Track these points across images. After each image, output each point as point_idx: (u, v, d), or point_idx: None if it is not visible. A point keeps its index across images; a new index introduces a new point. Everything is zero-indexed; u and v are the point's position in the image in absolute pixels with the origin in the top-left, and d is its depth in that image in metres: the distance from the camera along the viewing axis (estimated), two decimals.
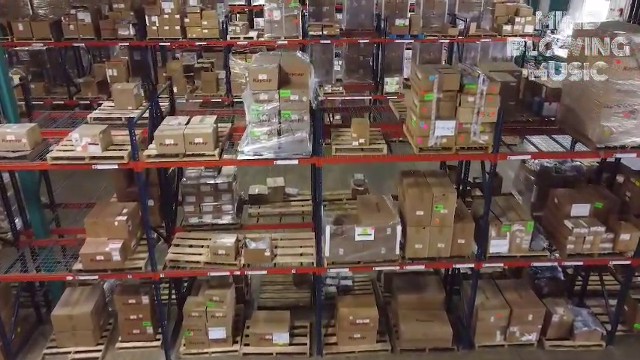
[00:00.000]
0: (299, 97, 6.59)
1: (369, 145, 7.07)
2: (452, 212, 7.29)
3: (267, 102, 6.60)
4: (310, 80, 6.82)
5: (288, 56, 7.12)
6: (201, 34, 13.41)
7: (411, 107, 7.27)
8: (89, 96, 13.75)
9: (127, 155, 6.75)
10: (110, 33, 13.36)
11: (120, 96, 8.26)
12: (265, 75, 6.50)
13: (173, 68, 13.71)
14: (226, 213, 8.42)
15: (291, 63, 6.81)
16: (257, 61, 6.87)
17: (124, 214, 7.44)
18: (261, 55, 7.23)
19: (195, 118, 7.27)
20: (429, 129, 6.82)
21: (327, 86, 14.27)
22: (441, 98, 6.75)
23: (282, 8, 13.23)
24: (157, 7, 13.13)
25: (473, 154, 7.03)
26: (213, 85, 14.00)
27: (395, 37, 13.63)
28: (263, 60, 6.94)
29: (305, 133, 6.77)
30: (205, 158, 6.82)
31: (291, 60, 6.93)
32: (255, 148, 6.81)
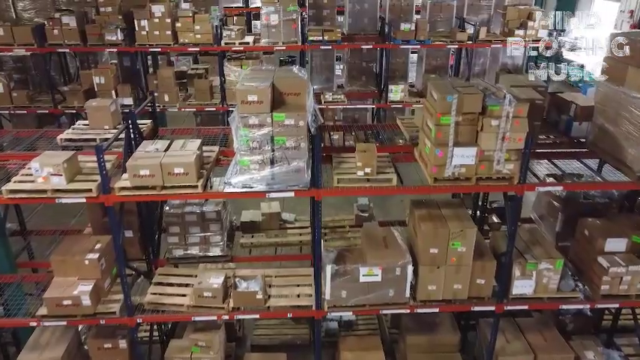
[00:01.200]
0: (295, 122, 5.55)
1: (376, 176, 6.02)
2: (471, 250, 6.26)
3: (257, 127, 5.57)
4: (308, 101, 5.77)
5: (283, 72, 6.08)
6: (193, 39, 12.34)
7: (424, 130, 6.23)
8: (75, 105, 12.69)
9: (95, 188, 5.72)
10: (97, 38, 12.29)
11: (95, 114, 7.23)
12: (255, 96, 5.45)
13: (164, 75, 12.66)
14: (215, 245, 7.40)
15: (286, 81, 5.77)
16: (246, 79, 5.82)
17: (96, 250, 6.41)
18: (252, 70, 6.18)
19: (177, 143, 6.22)
20: (445, 157, 5.78)
21: (327, 94, 13.21)
22: (459, 122, 5.72)
23: (280, 12, 12.17)
24: (147, 10, 12.06)
25: (496, 185, 5.98)
26: (207, 93, 12.93)
27: (400, 43, 12.56)
28: (253, 77, 5.89)
29: (302, 163, 5.73)
30: (187, 191, 5.79)
31: (285, 77, 5.89)
32: (245, 179, 5.78)
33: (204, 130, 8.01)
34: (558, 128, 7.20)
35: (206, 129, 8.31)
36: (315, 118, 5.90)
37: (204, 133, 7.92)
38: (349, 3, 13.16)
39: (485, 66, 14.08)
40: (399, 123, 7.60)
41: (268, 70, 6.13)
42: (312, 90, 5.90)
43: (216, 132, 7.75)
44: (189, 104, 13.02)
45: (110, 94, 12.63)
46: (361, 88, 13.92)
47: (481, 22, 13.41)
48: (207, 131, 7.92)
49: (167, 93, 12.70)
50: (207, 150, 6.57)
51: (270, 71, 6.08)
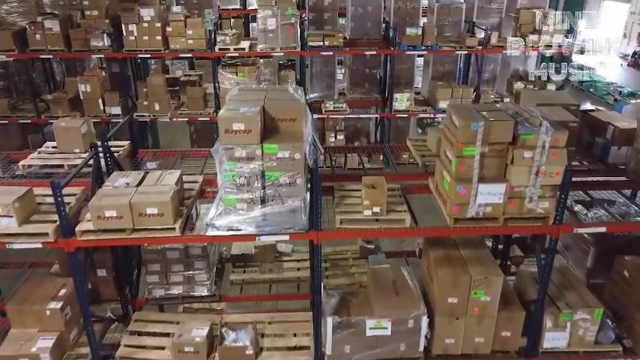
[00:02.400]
0: (290, 154, 4.54)
1: (386, 215, 5.01)
2: (496, 299, 5.27)
3: (245, 160, 4.56)
4: (306, 128, 4.76)
5: (276, 93, 5.06)
6: (185, 44, 11.33)
7: (441, 160, 5.21)
8: (60, 114, 11.67)
9: (53, 231, 4.72)
10: (82, 43, 11.28)
11: (64, 136, 6.23)
12: (242, 124, 4.45)
13: (155, 83, 11.63)
14: (201, 284, 6.40)
15: (280, 104, 4.77)
16: (232, 102, 4.81)
17: (60, 297, 5.42)
18: (240, 91, 5.16)
19: (153, 175, 5.20)
20: (468, 195, 4.77)
21: (328, 103, 12.17)
22: (486, 153, 4.72)
23: (278, 16, 11.15)
24: (135, 14, 11.04)
25: (527, 225, 4.98)
26: (200, 101, 11.91)
27: (406, 49, 11.54)
28: (240, 99, 4.88)
29: (298, 201, 4.73)
30: (162, 234, 4.79)
31: (279, 99, 4.89)
32: (231, 220, 4.78)
33: (190, 152, 6.99)
34: (592, 153, 6.19)
35: (192, 151, 7.28)
36: (313, 148, 4.89)
37: (189, 155, 6.95)
38: (351, 6, 12.13)
39: (496, 72, 13.04)
40: (410, 145, 6.57)
41: (258, 91, 5.12)
42: (310, 115, 4.89)
43: (203, 154, 6.75)
44: (182, 114, 12.01)
45: (97, 103, 11.64)
46: (364, 96, 12.89)
47: (491, 26, 12.38)
48: (193, 153, 6.92)
49: (158, 102, 11.68)
50: (189, 181, 5.57)
51: (261, 91, 5.07)
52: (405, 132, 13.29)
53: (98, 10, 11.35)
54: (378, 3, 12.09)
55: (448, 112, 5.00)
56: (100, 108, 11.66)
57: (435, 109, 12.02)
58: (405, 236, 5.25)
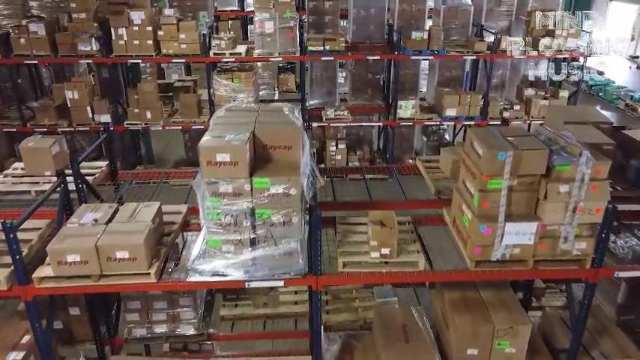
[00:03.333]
0: (285, 189, 3.79)
1: (396, 258, 4.25)
2: (522, 351, 4.52)
3: (231, 197, 3.81)
4: (304, 157, 4.00)
5: (269, 115, 4.29)
6: (178, 49, 10.57)
7: (460, 192, 4.45)
8: (46, 122, 10.94)
9: (5, 278, 3.97)
10: (69, 48, 10.52)
11: (32, 158, 5.47)
12: (228, 155, 3.69)
13: (146, 90, 10.87)
14: (187, 322, 5.63)
15: (273, 129, 4.01)
16: (217, 126, 4.05)
17: (22, 346, 4.67)
18: (227, 112, 4.39)
19: (126, 209, 4.44)
20: (493, 235, 4.02)
21: (329, 110, 11.40)
22: (514, 187, 3.95)
23: (276, 19, 10.40)
24: (125, 17, 10.28)
25: (560, 269, 4.22)
26: (194, 108, 11.16)
27: (411, 54, 10.78)
28: (227, 122, 4.12)
29: (294, 243, 3.98)
30: (135, 281, 4.04)
31: (272, 122, 4.12)
32: (216, 265, 4.03)
33: (176, 174, 6.23)
34: (626, 176, 5.41)
35: (178, 172, 6.51)
36: (312, 180, 4.13)
37: (175, 177, 6.19)
38: (353, 8, 11.37)
39: (505, 78, 12.27)
40: (420, 166, 5.82)
41: (249, 111, 4.35)
42: (308, 142, 4.12)
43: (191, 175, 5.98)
44: (175, 122, 11.25)
45: (85, 111, 10.89)
46: (367, 102, 12.13)
47: (501, 29, 11.62)
48: (179, 175, 6.16)
49: (149, 109, 10.94)
50: (170, 211, 4.81)
51: (252, 112, 4.30)
52: (410, 139, 12.54)
53: (86, 13, 10.61)
54: (381, 5, 11.34)
55: (469, 137, 4.23)
56: (89, 116, 10.92)
57: (442, 117, 11.26)
58: (419, 281, 4.51)
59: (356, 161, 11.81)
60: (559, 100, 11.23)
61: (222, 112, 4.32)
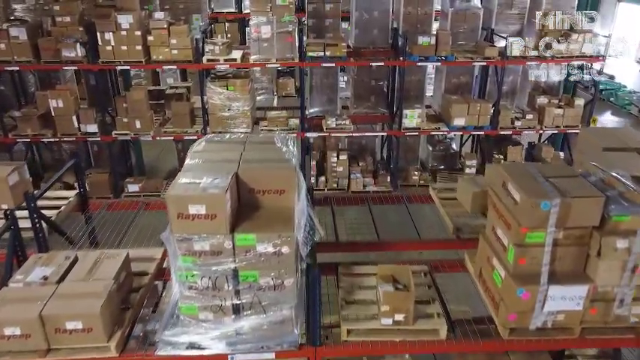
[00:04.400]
0: (275, 247, 2.98)
1: (412, 325, 3.44)
2: None
3: (209, 256, 2.99)
4: (298, 204, 3.19)
5: (258, 149, 3.47)
6: (169, 55, 9.75)
7: (488, 240, 3.64)
8: (29, 133, 10.13)
9: None
10: (52, 54, 9.71)
11: None
12: (203, 206, 2.88)
13: (135, 98, 10.04)
14: None
15: (262, 169, 3.19)
16: (193, 165, 3.24)
17: None
18: (208, 144, 3.57)
19: (86, 261, 3.62)
20: (533, 300, 3.21)
21: (330, 119, 10.56)
22: (560, 241, 3.14)
23: (273, 23, 9.57)
24: (112, 21, 9.46)
25: (614, 338, 3.41)
26: (186, 118, 10.34)
27: (417, 60, 9.95)
28: (206, 159, 3.30)
29: (288, 309, 3.17)
30: (90, 355, 3.23)
31: (261, 160, 3.31)
32: (191, 337, 3.21)
33: (155, 204, 5.41)
34: None
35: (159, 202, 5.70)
36: (310, 231, 3.32)
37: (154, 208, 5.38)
38: (356, 11, 10.52)
39: (516, 84, 11.44)
40: (434, 196, 5.01)
41: (233, 143, 3.53)
42: (304, 184, 3.31)
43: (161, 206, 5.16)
44: (166, 132, 10.43)
45: (70, 120, 10.08)
46: (370, 111, 11.29)
47: (512, 33, 10.78)
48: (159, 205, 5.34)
49: (139, 118, 10.12)
50: (141, 257, 4.00)
51: (237, 145, 3.49)
52: (415, 149, 11.71)
53: (71, 17, 9.78)
54: (385, 8, 10.50)
55: (501, 175, 3.42)
56: (75, 125, 10.11)
57: (450, 127, 10.44)
58: (440, 352, 3.71)
59: (358, 172, 10.99)
60: (574, 109, 10.40)
61: (201, 145, 3.50)
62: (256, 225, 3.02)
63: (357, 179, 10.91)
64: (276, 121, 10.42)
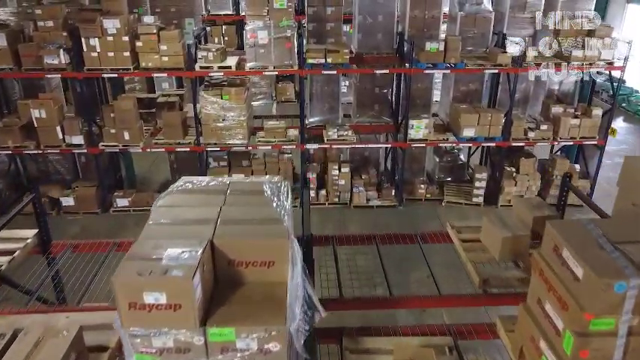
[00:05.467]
0: (262, 344, 2.19)
1: None
2: None
3: (173, 355, 2.20)
4: (292, 279, 2.40)
5: (240, 204, 2.67)
6: (159, 62, 8.96)
7: (534, 318, 2.84)
8: (10, 144, 9.35)
9: None
10: (34, 61, 8.93)
11: None
12: (164, 294, 2.09)
13: (123, 108, 9.24)
14: None
15: (244, 235, 2.40)
16: (155, 230, 2.46)
17: None
18: (177, 196, 2.78)
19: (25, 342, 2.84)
20: None
21: (331, 130, 9.77)
22: (634, 329, 2.34)
23: (271, 27, 8.79)
24: (97, 26, 8.67)
25: None
26: (178, 128, 9.55)
27: (424, 67, 9.17)
28: (173, 221, 2.51)
29: None
30: None
31: (244, 220, 2.51)
32: None
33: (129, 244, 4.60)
34: None
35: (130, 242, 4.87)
36: (309, 314, 2.53)
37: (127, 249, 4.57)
38: (359, 15, 9.73)
39: (529, 92, 10.62)
40: (453, 235, 4.22)
41: (210, 195, 2.73)
42: (299, 253, 2.52)
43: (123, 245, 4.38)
44: (157, 143, 9.65)
45: (54, 131, 9.31)
46: (373, 120, 10.50)
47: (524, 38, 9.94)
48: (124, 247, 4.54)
49: (127, 129, 9.35)
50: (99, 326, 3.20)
51: (214, 197, 2.70)
52: (421, 160, 10.92)
53: (54, 21, 9.00)
54: (390, 11, 9.71)
55: (551, 236, 2.64)
56: (59, 137, 9.34)
57: (459, 138, 9.65)
58: None
59: (361, 186, 10.20)
60: (592, 119, 9.61)
61: (168, 196, 2.72)
62: (236, 313, 2.24)
63: (360, 193, 10.14)
64: (273, 132, 9.63)
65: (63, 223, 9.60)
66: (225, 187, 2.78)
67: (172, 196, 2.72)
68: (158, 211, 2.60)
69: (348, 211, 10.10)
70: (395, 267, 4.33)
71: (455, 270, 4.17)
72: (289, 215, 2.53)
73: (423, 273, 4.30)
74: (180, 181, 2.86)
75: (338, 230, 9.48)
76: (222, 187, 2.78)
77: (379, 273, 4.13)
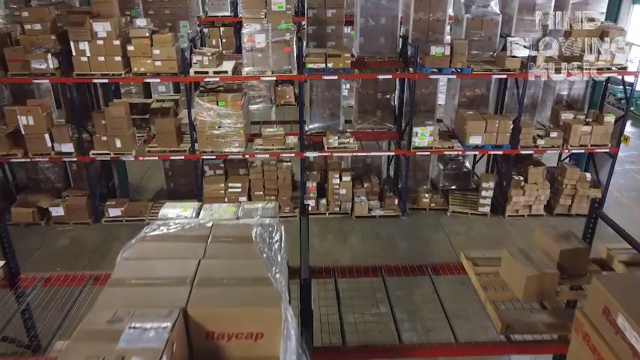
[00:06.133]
0: None
1: None
2: None
3: None
4: (287, 354, 1.92)
5: (224, 256, 2.19)
6: (151, 67, 8.48)
7: None
8: None
9: None
10: (21, 66, 8.45)
11: None
12: None
13: (114, 115, 8.74)
14: None
15: (224, 299, 1.91)
16: (114, 294, 1.97)
17: None
18: (146, 245, 2.28)
19: None
20: None
21: (332, 137, 9.28)
22: None
23: (269, 31, 8.32)
24: (87, 29, 8.19)
25: None
26: (172, 135, 9.06)
27: (429, 72, 8.68)
28: (138, 281, 2.03)
29: None
30: None
31: (225, 281, 2.02)
32: None
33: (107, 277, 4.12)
34: None
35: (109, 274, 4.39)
36: None
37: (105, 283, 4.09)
38: (360, 17, 9.24)
39: (537, 97, 10.13)
40: (469, 270, 3.74)
41: (187, 243, 2.25)
42: (293, 320, 2.04)
43: None
44: (150, 151, 9.18)
45: (42, 139, 8.83)
46: (375, 126, 10.01)
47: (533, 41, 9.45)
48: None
49: (119, 137, 8.89)
50: None
51: (193, 246, 2.21)
52: (425, 168, 10.44)
53: (41, 24, 8.51)
54: (393, 14, 9.23)
55: (600, 294, 2.15)
56: (48, 145, 8.86)
57: (465, 146, 9.17)
58: None
59: (363, 195, 9.72)
60: (604, 127, 9.13)
61: (138, 244, 2.23)
62: None
63: (362, 203, 9.66)
64: (272, 139, 9.15)
65: (52, 234, 9.15)
66: (207, 231, 2.30)
67: (142, 245, 2.23)
68: (123, 266, 2.12)
69: (349, 222, 9.63)
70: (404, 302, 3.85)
71: (471, 306, 3.69)
72: (283, 272, 2.06)
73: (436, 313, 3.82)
74: (150, 226, 2.37)
75: (338, 241, 9.02)
76: (203, 231, 2.30)
77: (386, 309, 3.65)
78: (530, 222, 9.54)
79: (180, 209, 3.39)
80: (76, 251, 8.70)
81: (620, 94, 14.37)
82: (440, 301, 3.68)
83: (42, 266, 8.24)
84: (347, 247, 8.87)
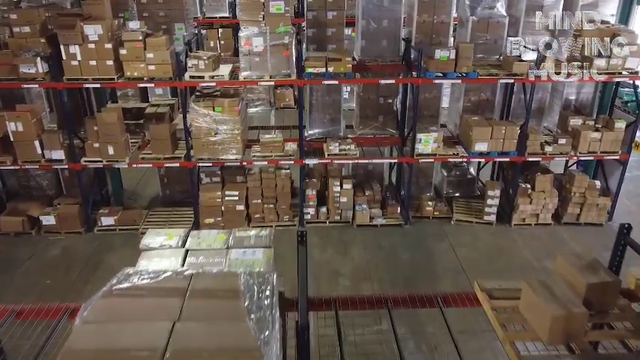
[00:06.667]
0: None
1: None
2: None
3: None
4: None
5: (201, 323, 1.80)
6: (145, 71, 8.11)
7: None
8: None
9: None
10: (9, 70, 8.07)
11: None
12: None
13: (107, 121, 8.36)
14: None
15: None
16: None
17: None
18: (116, 301, 1.90)
19: None
20: None
21: (333, 144, 8.88)
22: None
23: (267, 34, 7.95)
24: (77, 32, 7.82)
25: None
26: (167, 142, 8.67)
27: (434, 76, 8.30)
28: (96, 355, 1.64)
29: None
30: None
31: (203, 352, 1.63)
32: None
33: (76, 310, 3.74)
34: None
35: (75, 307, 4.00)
36: None
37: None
38: (362, 19, 8.85)
39: (544, 102, 9.74)
40: (484, 303, 3.36)
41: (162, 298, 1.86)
42: None
43: None
44: (144, 158, 8.80)
45: (32, 145, 8.46)
46: (377, 132, 9.61)
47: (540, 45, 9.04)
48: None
49: (111, 144, 8.52)
50: None
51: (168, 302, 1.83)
52: (428, 174, 10.05)
53: (30, 27, 8.13)
54: (395, 16, 8.83)
55: None
56: (38, 151, 8.49)
57: (470, 153, 8.79)
58: None
59: (364, 203, 9.34)
60: (614, 133, 8.75)
61: (102, 301, 1.84)
62: None
63: (364, 211, 9.28)
64: (270, 146, 8.77)
65: (42, 244, 8.79)
66: (186, 283, 1.92)
67: (108, 302, 1.85)
68: (81, 332, 1.73)
69: (350, 231, 9.25)
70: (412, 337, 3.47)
71: None
72: (275, 336, 1.68)
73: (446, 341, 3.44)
74: (119, 275, 1.99)
75: (339, 252, 8.63)
76: (181, 283, 1.92)
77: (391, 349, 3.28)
78: (538, 231, 9.17)
79: (164, 237, 3.03)
80: (68, 262, 8.33)
81: (627, 96, 13.95)
82: (452, 339, 3.29)
83: (31, 278, 7.90)
84: (348, 258, 8.50)
